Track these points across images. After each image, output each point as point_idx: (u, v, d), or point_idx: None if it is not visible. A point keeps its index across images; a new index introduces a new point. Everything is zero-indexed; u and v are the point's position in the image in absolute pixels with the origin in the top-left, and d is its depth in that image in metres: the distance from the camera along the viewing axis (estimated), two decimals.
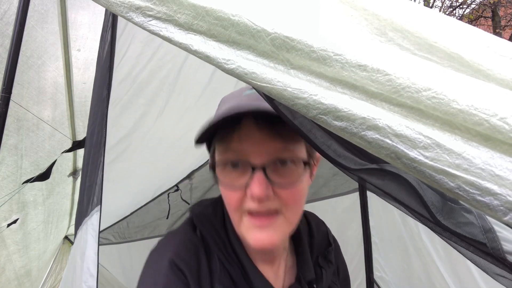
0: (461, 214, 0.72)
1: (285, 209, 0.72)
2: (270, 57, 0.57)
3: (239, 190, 0.71)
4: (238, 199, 0.71)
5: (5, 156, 2.00)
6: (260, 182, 0.67)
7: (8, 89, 1.13)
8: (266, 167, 0.69)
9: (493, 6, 9.79)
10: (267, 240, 0.71)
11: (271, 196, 0.70)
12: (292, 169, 0.72)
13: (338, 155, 1.05)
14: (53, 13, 1.88)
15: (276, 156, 0.70)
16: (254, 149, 0.70)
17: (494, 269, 0.81)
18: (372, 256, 2.36)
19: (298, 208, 0.76)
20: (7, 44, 1.54)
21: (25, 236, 2.53)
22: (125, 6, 0.65)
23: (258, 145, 0.70)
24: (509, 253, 0.63)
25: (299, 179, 0.72)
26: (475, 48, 0.52)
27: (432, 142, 0.48)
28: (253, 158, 0.69)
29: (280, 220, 0.72)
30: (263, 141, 0.70)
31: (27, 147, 2.18)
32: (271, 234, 0.71)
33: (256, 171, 0.68)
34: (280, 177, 0.70)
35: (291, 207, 0.73)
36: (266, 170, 0.69)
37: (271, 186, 0.69)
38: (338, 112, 0.53)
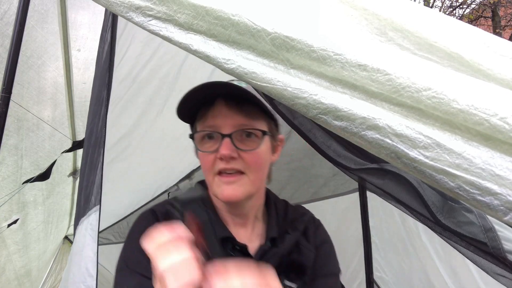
0: (461, 213, 0.72)
1: (249, 171, 0.90)
2: (270, 56, 0.57)
3: (212, 154, 0.90)
4: (211, 161, 0.90)
5: (5, 156, 2.00)
6: (227, 145, 0.87)
7: (8, 89, 1.13)
8: (233, 135, 0.88)
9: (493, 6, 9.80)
10: (232, 193, 0.89)
11: (236, 157, 0.88)
12: (254, 139, 0.92)
13: (338, 155, 1.05)
14: (53, 13, 1.88)
15: (241, 127, 0.90)
16: (224, 122, 0.89)
17: (495, 268, 0.81)
18: (372, 256, 2.36)
19: (259, 171, 0.94)
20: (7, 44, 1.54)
21: (25, 236, 2.53)
22: (125, 6, 0.65)
23: (227, 119, 0.89)
24: (509, 252, 0.64)
25: (259, 146, 0.91)
26: (475, 48, 0.52)
27: (432, 141, 0.48)
28: (223, 129, 0.89)
29: (245, 180, 0.90)
30: (230, 116, 0.90)
31: (27, 147, 2.18)
32: (236, 189, 0.89)
33: (225, 138, 0.88)
34: (244, 144, 0.90)
35: (253, 169, 0.91)
36: (232, 137, 0.88)
37: (236, 150, 0.88)
38: (338, 111, 0.53)
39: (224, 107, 0.91)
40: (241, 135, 0.91)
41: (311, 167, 2.28)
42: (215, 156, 0.89)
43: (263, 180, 0.99)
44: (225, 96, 0.91)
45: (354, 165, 1.00)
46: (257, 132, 0.92)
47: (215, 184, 0.91)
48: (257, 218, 1.04)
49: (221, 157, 0.88)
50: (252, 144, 0.91)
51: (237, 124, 0.90)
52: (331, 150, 0.98)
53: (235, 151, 0.88)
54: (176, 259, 0.55)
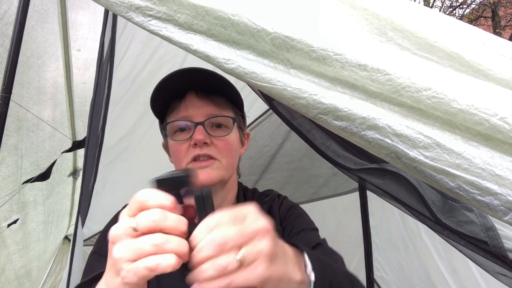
0: (462, 212, 0.72)
1: (221, 157, 0.95)
2: (270, 56, 0.57)
3: (186, 143, 0.94)
4: (185, 149, 0.94)
5: (5, 156, 2.00)
6: (200, 131, 0.92)
7: (8, 89, 1.13)
8: (205, 123, 0.94)
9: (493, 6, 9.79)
10: (207, 176, 0.92)
11: (209, 144, 0.93)
12: (224, 129, 0.98)
13: (338, 155, 1.05)
14: (53, 13, 1.88)
15: (212, 115, 0.95)
16: (196, 112, 0.95)
17: (495, 267, 0.81)
18: (372, 255, 2.36)
19: (231, 157, 0.98)
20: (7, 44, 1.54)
21: (25, 236, 2.53)
22: (125, 5, 0.64)
23: (198, 109, 0.95)
24: (510, 251, 0.63)
25: (229, 133, 0.97)
26: (475, 47, 0.52)
27: (432, 141, 0.48)
28: (195, 118, 0.95)
29: (217, 164, 0.95)
30: (201, 106, 0.96)
31: (27, 147, 2.18)
32: (210, 172, 0.93)
33: (198, 125, 0.93)
34: (215, 132, 0.96)
35: (225, 155, 0.96)
36: (204, 125, 0.94)
37: (209, 136, 0.93)
38: (338, 111, 0.53)
39: (195, 98, 0.96)
40: (212, 125, 0.96)
41: (311, 167, 2.28)
42: (189, 143, 0.94)
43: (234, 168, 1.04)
44: (196, 88, 0.97)
45: (353, 165, 1.00)
46: (227, 120, 0.98)
47: None
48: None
49: (196, 143, 0.92)
50: (222, 133, 0.97)
51: (208, 113, 0.95)
52: (331, 151, 0.98)
53: (208, 137, 0.93)
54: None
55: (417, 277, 2.10)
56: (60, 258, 3.36)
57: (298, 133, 0.96)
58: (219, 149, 0.95)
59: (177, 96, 0.98)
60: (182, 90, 0.97)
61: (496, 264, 0.77)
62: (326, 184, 2.34)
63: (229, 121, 0.99)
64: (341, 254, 1.08)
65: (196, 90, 0.97)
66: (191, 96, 0.97)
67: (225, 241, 0.49)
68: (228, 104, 1.00)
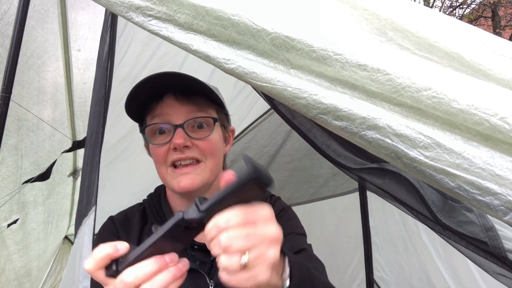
0: (462, 213, 0.72)
1: (205, 158, 0.92)
2: (270, 56, 0.57)
3: (165, 146, 0.90)
4: (164, 153, 0.91)
5: (5, 156, 2.00)
6: (180, 135, 0.88)
7: (8, 89, 1.13)
8: (185, 125, 0.90)
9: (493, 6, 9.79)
10: (189, 182, 0.89)
11: (190, 146, 0.90)
12: (205, 129, 0.94)
13: (338, 155, 1.05)
14: (53, 13, 1.88)
15: (192, 116, 0.92)
16: (175, 114, 0.91)
17: (495, 268, 0.81)
18: (372, 256, 2.36)
19: (215, 157, 0.95)
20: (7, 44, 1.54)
21: (25, 236, 2.53)
22: (125, 5, 0.64)
23: (177, 110, 0.91)
24: (510, 251, 0.63)
25: (211, 133, 0.93)
26: (475, 47, 0.52)
27: (432, 141, 0.48)
28: (174, 120, 0.91)
29: (202, 167, 0.91)
30: (180, 107, 0.91)
31: (27, 147, 2.18)
32: (193, 178, 0.90)
33: (177, 128, 0.89)
34: (196, 133, 0.92)
35: (209, 155, 0.92)
36: (184, 127, 0.90)
37: (189, 139, 0.90)
38: (338, 111, 0.53)
39: (174, 100, 0.92)
40: (192, 126, 0.93)
41: (311, 167, 2.28)
42: (168, 147, 0.90)
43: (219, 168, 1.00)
44: (174, 89, 0.93)
45: (354, 164, 0.99)
46: (208, 120, 0.95)
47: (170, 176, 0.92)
48: None
49: (175, 147, 0.88)
50: (204, 133, 0.93)
51: (188, 115, 0.92)
52: (331, 150, 0.98)
53: (189, 140, 0.90)
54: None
55: (416, 278, 2.10)
56: (60, 258, 3.35)
57: (299, 132, 0.96)
58: (202, 150, 0.92)
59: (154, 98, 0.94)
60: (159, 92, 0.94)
61: (495, 265, 0.77)
62: (326, 184, 2.34)
63: (210, 121, 0.95)
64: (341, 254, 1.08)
65: (174, 92, 0.93)
66: (169, 98, 0.93)
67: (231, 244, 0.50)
68: (208, 103, 0.96)
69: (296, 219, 1.09)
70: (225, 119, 1.04)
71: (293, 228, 1.03)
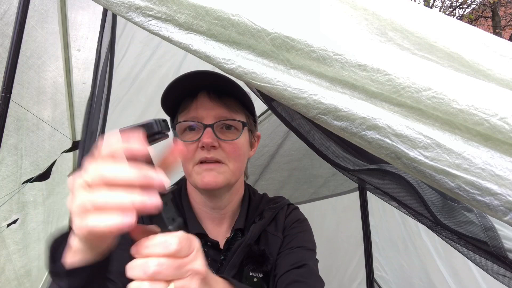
0: (461, 213, 0.72)
1: (228, 161, 0.94)
2: (270, 56, 0.57)
3: (193, 144, 0.93)
4: (192, 151, 0.93)
5: (5, 156, 1.99)
6: (209, 134, 0.91)
7: (8, 89, 1.13)
8: (214, 126, 0.92)
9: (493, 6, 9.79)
10: (213, 179, 0.91)
11: (217, 147, 0.92)
12: (233, 131, 0.96)
13: (337, 156, 1.05)
14: (53, 13, 1.88)
15: (222, 118, 0.94)
16: (206, 114, 0.94)
17: (495, 268, 0.81)
18: (372, 255, 2.36)
19: (238, 162, 0.97)
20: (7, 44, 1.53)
21: (25, 236, 2.53)
22: (125, 6, 0.64)
23: (209, 110, 0.94)
24: (510, 251, 0.63)
25: (238, 137, 0.95)
26: (475, 48, 0.52)
27: (432, 142, 0.48)
28: (205, 120, 0.93)
29: (224, 168, 0.94)
30: (212, 108, 0.94)
31: (27, 147, 2.18)
32: (216, 175, 0.92)
33: (207, 128, 0.92)
34: (224, 135, 0.94)
35: (232, 159, 0.94)
36: (214, 128, 0.92)
37: (217, 140, 0.92)
38: (338, 112, 0.53)
39: (207, 99, 0.95)
40: (221, 127, 0.95)
41: (311, 167, 2.28)
42: (197, 145, 0.92)
43: (242, 171, 1.02)
44: (208, 89, 0.95)
45: (353, 166, 0.99)
46: (237, 124, 0.97)
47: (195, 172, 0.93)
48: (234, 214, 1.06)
49: (203, 145, 0.90)
50: (232, 136, 0.95)
51: (219, 116, 0.94)
52: (330, 152, 0.98)
53: (216, 141, 0.92)
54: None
55: (417, 277, 2.10)
56: None
57: (297, 134, 0.96)
58: (227, 153, 0.93)
59: (188, 95, 0.97)
60: (194, 90, 0.96)
61: (495, 265, 0.77)
62: (326, 184, 2.34)
63: (238, 124, 0.97)
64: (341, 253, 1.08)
65: (208, 91, 0.95)
66: (202, 97, 0.95)
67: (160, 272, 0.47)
68: (239, 107, 0.98)
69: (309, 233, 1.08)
70: (253, 124, 1.06)
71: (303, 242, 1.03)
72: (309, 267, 0.95)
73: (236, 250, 0.97)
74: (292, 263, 0.96)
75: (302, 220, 1.10)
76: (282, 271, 0.95)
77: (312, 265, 0.97)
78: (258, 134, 1.11)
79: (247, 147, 1.02)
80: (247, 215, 1.06)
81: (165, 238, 0.49)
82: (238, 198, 1.07)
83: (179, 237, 0.50)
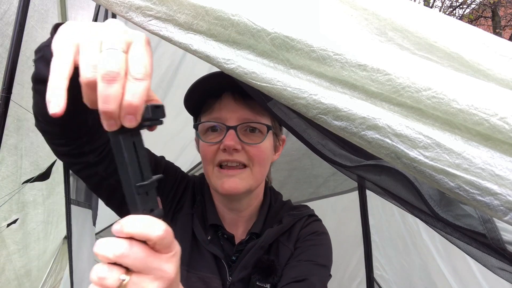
0: (459, 206, 0.72)
1: (252, 164, 0.91)
2: (270, 56, 0.57)
3: (215, 145, 0.91)
4: (213, 152, 0.91)
5: (5, 156, 1.99)
6: (231, 136, 0.88)
7: (8, 89, 1.13)
8: (237, 128, 0.90)
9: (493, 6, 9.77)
10: (233, 186, 0.89)
11: (239, 150, 0.89)
12: (258, 134, 0.93)
13: (334, 154, 1.05)
14: (53, 13, 1.88)
15: (246, 120, 0.91)
16: (230, 115, 0.91)
17: (493, 262, 0.81)
18: (372, 254, 2.36)
19: (262, 166, 0.95)
20: (7, 44, 1.53)
21: (25, 236, 2.53)
22: (125, 5, 0.64)
23: (233, 112, 0.91)
24: (509, 243, 0.63)
25: (263, 141, 0.92)
26: (475, 47, 0.52)
27: (432, 141, 0.48)
28: (228, 121, 0.91)
29: (247, 173, 0.91)
30: (236, 109, 0.91)
31: (27, 147, 2.18)
32: (237, 182, 0.89)
33: (229, 129, 0.89)
34: (248, 138, 0.91)
35: (257, 162, 0.92)
36: (237, 130, 0.90)
37: (240, 142, 0.89)
38: (338, 111, 0.53)
39: (231, 100, 0.92)
40: (245, 129, 0.92)
41: (310, 166, 2.28)
42: (218, 147, 0.90)
43: (264, 176, 0.99)
44: (233, 90, 0.92)
45: (350, 162, 0.99)
46: (262, 127, 0.94)
47: (215, 176, 0.92)
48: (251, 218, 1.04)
49: (225, 148, 0.88)
50: (256, 139, 0.92)
51: (243, 118, 0.91)
52: (327, 149, 0.98)
53: (239, 143, 0.89)
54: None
55: (417, 276, 2.10)
56: (60, 258, 3.35)
57: (293, 133, 0.96)
58: (250, 156, 0.91)
59: (212, 95, 0.94)
60: (218, 90, 0.93)
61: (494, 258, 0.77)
62: (326, 184, 2.35)
63: (263, 127, 0.94)
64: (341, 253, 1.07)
65: (233, 92, 0.92)
66: (227, 98, 0.93)
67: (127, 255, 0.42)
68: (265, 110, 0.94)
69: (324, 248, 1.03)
70: (278, 127, 1.03)
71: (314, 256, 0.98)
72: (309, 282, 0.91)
73: (248, 251, 0.96)
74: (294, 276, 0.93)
75: (320, 233, 1.06)
76: (282, 283, 0.93)
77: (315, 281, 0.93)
78: (283, 137, 1.07)
79: (271, 151, 0.99)
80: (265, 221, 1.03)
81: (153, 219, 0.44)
82: (257, 202, 1.04)
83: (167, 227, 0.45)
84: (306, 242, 1.01)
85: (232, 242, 0.99)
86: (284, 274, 0.95)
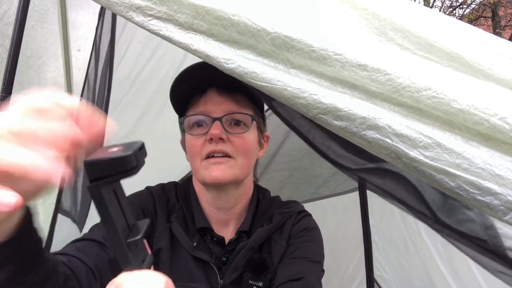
0: (461, 211, 0.72)
1: (237, 155, 0.93)
2: (270, 56, 0.57)
3: (201, 138, 0.93)
4: (200, 145, 0.92)
5: None
6: (217, 126, 0.90)
7: (8, 89, 1.13)
8: (223, 120, 0.92)
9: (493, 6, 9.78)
10: (221, 174, 0.90)
11: (225, 140, 0.91)
12: (242, 126, 0.96)
13: (338, 156, 1.05)
14: (53, 13, 1.88)
15: (230, 111, 0.94)
16: (215, 108, 0.94)
17: (495, 266, 0.81)
18: (372, 255, 2.36)
19: (247, 157, 0.96)
20: (7, 44, 1.53)
21: None
22: (125, 5, 0.65)
23: (218, 105, 0.94)
24: (510, 249, 0.63)
25: (247, 131, 0.95)
26: (475, 47, 0.52)
27: (433, 141, 0.48)
28: (214, 114, 0.93)
29: (232, 163, 0.92)
30: (221, 102, 0.94)
31: None
32: (224, 169, 0.91)
33: (215, 121, 0.91)
34: (233, 129, 0.94)
35: (242, 154, 0.94)
36: (222, 121, 0.92)
37: (225, 132, 0.91)
38: (338, 111, 0.53)
39: (216, 94, 0.95)
40: (230, 122, 0.95)
41: (311, 167, 2.28)
42: (205, 139, 0.92)
43: (250, 169, 1.01)
44: (217, 84, 0.95)
45: (353, 165, 1.00)
46: (246, 118, 0.96)
47: (203, 167, 0.93)
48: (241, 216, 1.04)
49: (211, 138, 0.90)
50: (240, 130, 0.95)
51: (227, 110, 0.94)
52: (331, 151, 0.98)
53: (225, 133, 0.91)
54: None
55: (417, 277, 2.10)
56: None
57: (298, 133, 0.96)
58: (236, 146, 0.93)
59: (197, 91, 0.97)
60: (203, 85, 0.96)
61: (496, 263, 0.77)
62: (326, 184, 2.34)
63: (248, 119, 0.96)
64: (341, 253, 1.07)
65: (217, 86, 0.95)
66: (211, 92, 0.95)
67: None
68: (248, 103, 0.98)
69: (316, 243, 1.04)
70: (261, 122, 1.05)
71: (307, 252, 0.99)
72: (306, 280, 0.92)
73: (238, 252, 0.96)
74: (290, 274, 0.93)
75: (311, 228, 1.05)
76: (278, 282, 0.92)
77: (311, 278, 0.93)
78: (267, 134, 1.09)
79: (256, 145, 1.01)
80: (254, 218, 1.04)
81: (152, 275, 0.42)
82: (246, 199, 1.05)
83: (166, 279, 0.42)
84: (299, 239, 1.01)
85: (222, 244, 0.98)
86: (279, 272, 0.95)
